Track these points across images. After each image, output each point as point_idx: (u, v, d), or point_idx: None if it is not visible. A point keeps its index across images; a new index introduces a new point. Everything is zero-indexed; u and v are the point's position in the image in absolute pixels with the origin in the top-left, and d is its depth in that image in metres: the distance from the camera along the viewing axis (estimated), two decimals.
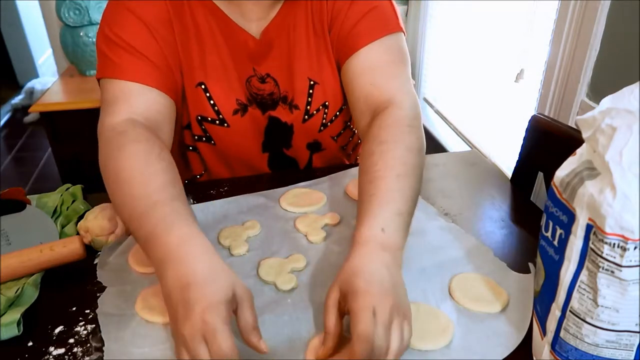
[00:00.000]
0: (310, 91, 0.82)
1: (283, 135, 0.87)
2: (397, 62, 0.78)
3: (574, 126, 0.92)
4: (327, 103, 0.83)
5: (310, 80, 0.82)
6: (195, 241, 0.52)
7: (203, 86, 0.79)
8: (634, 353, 0.45)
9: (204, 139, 0.84)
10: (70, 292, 0.63)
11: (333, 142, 0.91)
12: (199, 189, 0.85)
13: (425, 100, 2.22)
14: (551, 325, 0.49)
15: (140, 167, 0.60)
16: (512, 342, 0.55)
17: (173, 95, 0.75)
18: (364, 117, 0.76)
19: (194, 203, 0.81)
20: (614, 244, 0.41)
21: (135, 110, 0.69)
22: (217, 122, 0.81)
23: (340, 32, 0.78)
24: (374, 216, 0.58)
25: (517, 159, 0.92)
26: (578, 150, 0.48)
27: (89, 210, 0.72)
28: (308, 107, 0.83)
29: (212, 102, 0.80)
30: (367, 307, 0.48)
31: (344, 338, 0.52)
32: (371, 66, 0.77)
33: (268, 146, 0.88)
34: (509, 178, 0.92)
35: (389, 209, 0.58)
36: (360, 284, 0.50)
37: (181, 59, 0.76)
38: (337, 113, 0.86)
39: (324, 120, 0.85)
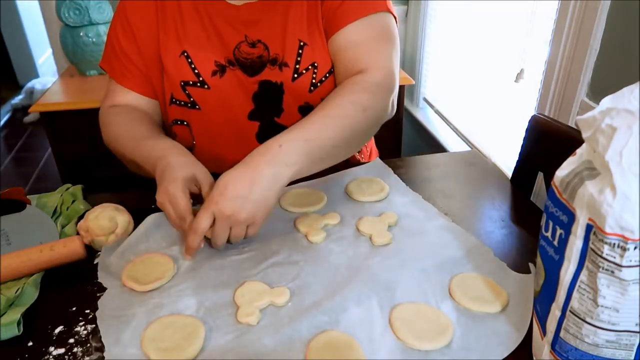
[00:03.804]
0: (300, 51, 0.86)
1: (274, 99, 0.89)
2: (380, 39, 0.84)
3: (574, 126, 0.92)
4: (315, 64, 0.86)
5: (300, 41, 0.85)
6: (176, 147, 0.75)
7: (185, 54, 0.86)
8: (634, 353, 0.45)
9: (189, 105, 0.88)
10: (70, 292, 0.63)
11: None
12: None
13: (425, 100, 2.22)
14: (551, 325, 0.49)
15: (128, 124, 0.84)
16: (512, 342, 0.55)
17: (151, 93, 0.91)
18: None
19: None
20: (614, 244, 0.41)
21: (118, 104, 0.90)
22: (199, 84, 0.87)
23: (330, 7, 0.84)
24: (281, 135, 0.68)
25: (517, 159, 0.92)
26: (578, 150, 0.48)
27: (89, 210, 0.72)
28: (297, 65, 0.86)
29: (192, 66, 0.86)
30: (206, 209, 0.64)
31: None
32: (355, 42, 0.83)
33: (258, 115, 0.90)
34: (509, 178, 0.92)
35: (298, 133, 0.69)
36: (214, 192, 0.65)
37: (160, 42, 0.86)
38: (327, 75, 0.88)
39: (314, 80, 0.87)
